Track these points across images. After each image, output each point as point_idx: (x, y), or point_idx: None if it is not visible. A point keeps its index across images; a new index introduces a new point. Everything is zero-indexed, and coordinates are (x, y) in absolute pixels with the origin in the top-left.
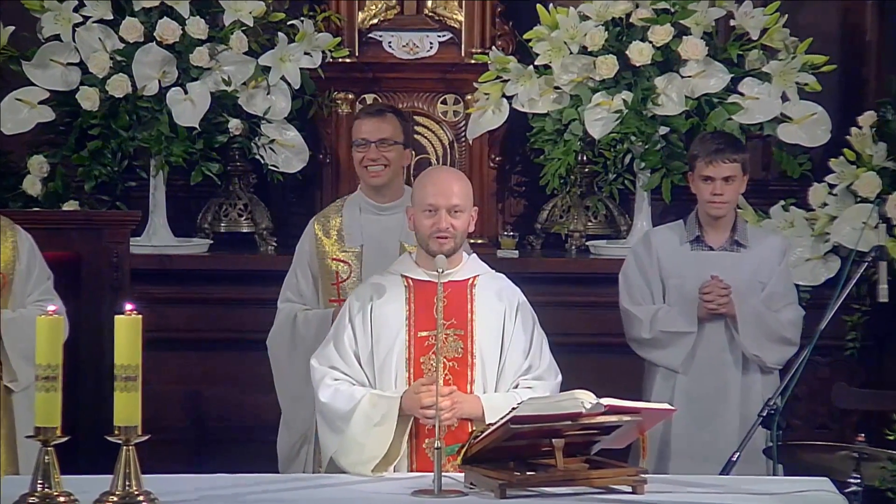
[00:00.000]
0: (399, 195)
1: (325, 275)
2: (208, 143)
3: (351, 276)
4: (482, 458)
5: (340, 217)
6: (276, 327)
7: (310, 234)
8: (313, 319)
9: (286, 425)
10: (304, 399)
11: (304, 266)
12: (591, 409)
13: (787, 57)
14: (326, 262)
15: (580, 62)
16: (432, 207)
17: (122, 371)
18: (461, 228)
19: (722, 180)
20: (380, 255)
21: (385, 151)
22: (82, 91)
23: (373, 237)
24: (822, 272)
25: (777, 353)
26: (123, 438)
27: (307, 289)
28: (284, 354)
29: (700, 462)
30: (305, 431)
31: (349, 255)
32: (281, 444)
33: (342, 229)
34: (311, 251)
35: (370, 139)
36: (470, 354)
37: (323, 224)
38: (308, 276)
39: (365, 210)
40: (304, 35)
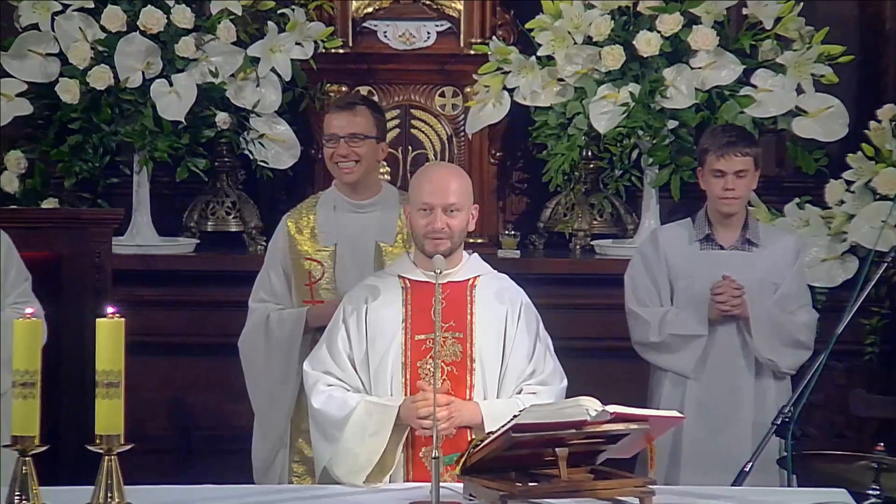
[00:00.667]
0: (376, 192)
1: (298, 274)
2: (194, 137)
3: (324, 276)
4: (482, 468)
5: (314, 214)
6: (249, 328)
7: (283, 232)
8: (288, 319)
9: (262, 431)
10: (279, 401)
11: (277, 265)
12: (596, 416)
13: (802, 47)
14: (299, 262)
15: (585, 53)
16: (427, 206)
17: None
18: (458, 228)
19: (734, 175)
20: (355, 255)
21: (356, 147)
22: (62, 83)
23: (348, 236)
24: (839, 273)
25: (791, 357)
26: (105, 448)
27: (281, 288)
28: (258, 356)
29: (711, 472)
30: (281, 435)
31: (323, 255)
32: (256, 452)
33: (316, 227)
34: (285, 249)
35: (340, 134)
36: (469, 359)
37: (296, 221)
38: (281, 275)
39: (340, 208)
40: (295, 24)
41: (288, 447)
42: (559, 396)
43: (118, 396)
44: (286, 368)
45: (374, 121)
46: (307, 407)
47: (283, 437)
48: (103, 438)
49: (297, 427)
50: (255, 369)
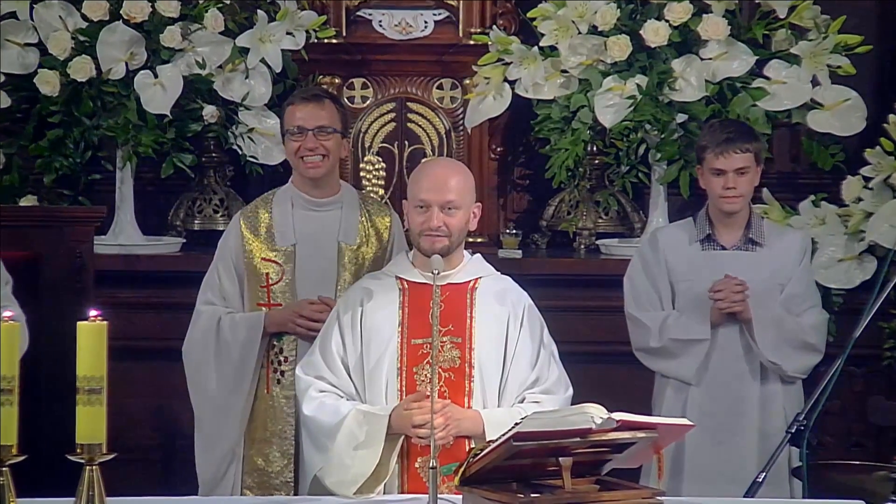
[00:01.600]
0: (336, 190)
1: (252, 276)
2: (180, 131)
3: (283, 278)
4: (482, 479)
5: (270, 212)
6: (197, 332)
7: (235, 231)
8: (241, 323)
9: (208, 443)
10: (230, 412)
11: (229, 265)
12: (601, 424)
13: (817, 37)
14: (254, 263)
15: (589, 43)
16: (424, 203)
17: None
18: (456, 227)
19: (734, 172)
20: (315, 256)
21: (324, 140)
22: (41, 74)
23: (307, 236)
24: (857, 274)
25: (798, 360)
26: (87, 457)
27: (231, 290)
28: (207, 362)
29: (715, 483)
30: (232, 448)
31: (280, 255)
32: (202, 465)
33: (272, 226)
34: (237, 250)
35: (306, 126)
36: (468, 365)
37: (250, 220)
38: (233, 277)
39: (298, 205)
40: (286, 13)
41: (240, 460)
42: (564, 406)
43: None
44: (239, 376)
45: (339, 115)
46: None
47: (235, 449)
48: (84, 447)
49: (250, 438)
50: (202, 377)
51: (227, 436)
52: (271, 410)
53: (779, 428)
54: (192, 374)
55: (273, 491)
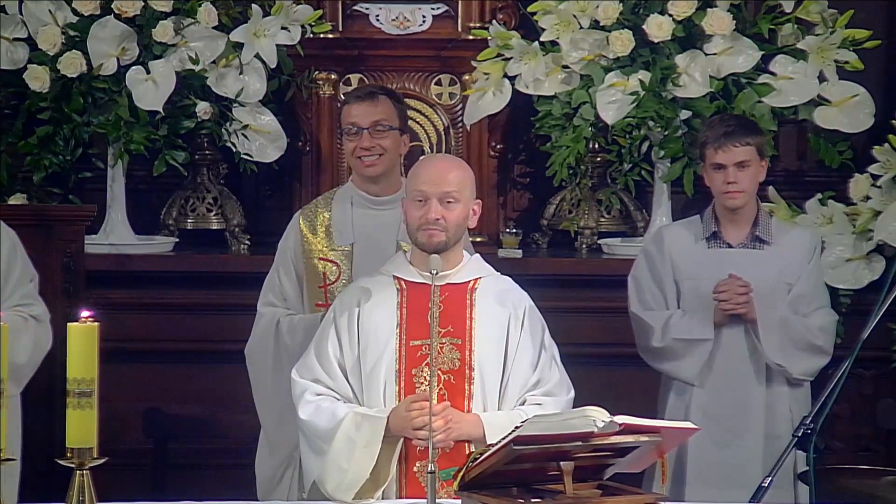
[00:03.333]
0: (397, 188)
1: (311, 276)
2: (173, 128)
3: (340, 278)
4: (481, 484)
5: (329, 212)
6: (257, 335)
7: (294, 230)
8: (299, 326)
9: (269, 446)
10: (289, 415)
11: (289, 265)
12: (604, 428)
13: (824, 31)
14: (313, 262)
15: (591, 38)
16: (422, 196)
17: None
18: (454, 221)
19: (735, 167)
20: (373, 255)
21: (379, 139)
22: (30, 70)
23: (365, 234)
24: (865, 274)
25: (805, 362)
26: (77, 462)
27: (292, 291)
28: (267, 365)
29: (718, 487)
30: (291, 452)
31: (338, 255)
32: (262, 467)
33: (331, 225)
34: (296, 249)
35: (362, 125)
36: (468, 367)
37: (309, 219)
38: (293, 277)
39: (357, 204)
40: (281, 7)
41: (297, 467)
42: (566, 408)
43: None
44: None
45: (396, 111)
46: None
47: (294, 453)
48: (75, 452)
49: None
50: (264, 379)
51: (285, 441)
52: None
53: (785, 431)
54: (254, 376)
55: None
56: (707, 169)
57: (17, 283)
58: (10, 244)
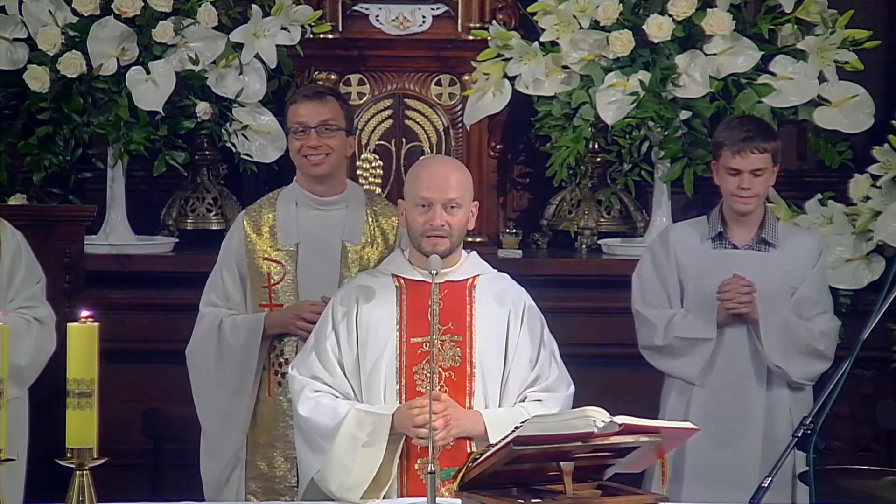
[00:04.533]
0: (342, 188)
1: (254, 276)
2: (173, 129)
3: (284, 278)
4: (481, 484)
5: (274, 212)
6: (199, 335)
7: (238, 231)
8: (242, 326)
9: (211, 449)
10: (232, 417)
11: (232, 266)
12: (603, 428)
13: (824, 31)
14: (257, 262)
15: (591, 38)
16: (426, 202)
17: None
18: (458, 226)
19: (750, 173)
20: (318, 255)
21: (327, 138)
22: (30, 70)
23: (311, 235)
24: (865, 274)
25: (805, 366)
26: (77, 462)
27: (234, 292)
28: (209, 366)
29: (717, 487)
30: (236, 453)
31: (282, 255)
32: (206, 470)
33: (276, 225)
34: (240, 249)
35: (309, 124)
36: (469, 364)
37: (253, 219)
38: (236, 278)
39: (302, 204)
40: (280, 8)
41: (243, 465)
42: (566, 404)
43: (91, 407)
44: (241, 380)
45: (343, 112)
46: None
47: (238, 453)
48: (75, 452)
49: (254, 443)
50: (205, 380)
51: (230, 440)
52: (273, 414)
53: (784, 433)
54: (194, 377)
55: (277, 496)
56: (720, 170)
57: (21, 284)
58: (14, 245)
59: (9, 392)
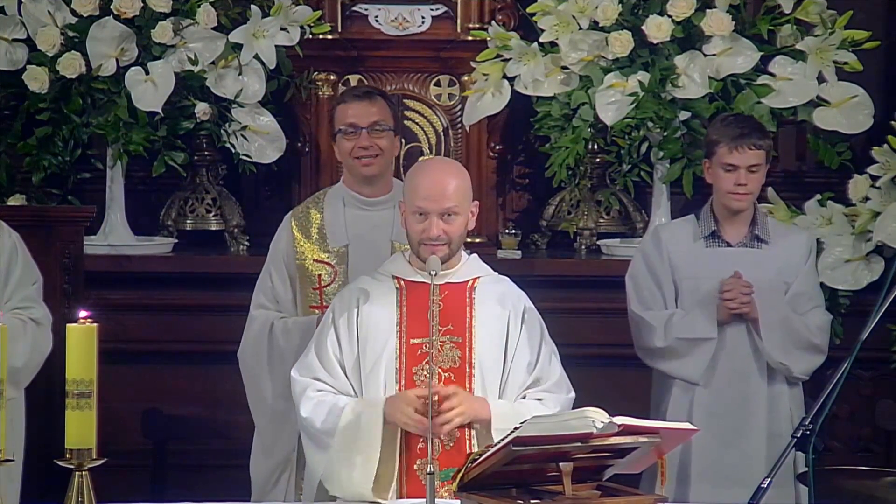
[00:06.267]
0: (389, 188)
1: (303, 278)
2: (172, 129)
3: (335, 280)
4: (481, 485)
5: (321, 213)
6: (250, 338)
7: (286, 232)
8: (294, 328)
9: (264, 450)
10: (284, 419)
11: (281, 268)
12: (603, 429)
13: (824, 32)
14: (306, 265)
15: (590, 39)
16: (422, 211)
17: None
18: (456, 233)
19: (746, 169)
20: (368, 256)
21: (377, 138)
22: (29, 71)
23: (359, 236)
24: (865, 275)
25: (805, 361)
26: (76, 463)
27: (284, 294)
28: (262, 369)
29: (723, 486)
30: (288, 456)
31: (331, 257)
32: (256, 471)
33: (323, 227)
34: (288, 251)
35: (360, 125)
36: (468, 364)
37: (300, 221)
38: (285, 279)
39: (350, 205)
40: (280, 8)
41: (294, 470)
42: (566, 407)
43: (90, 408)
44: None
45: (391, 111)
46: None
47: (290, 456)
48: (74, 453)
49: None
50: (258, 383)
51: (281, 444)
52: None
53: (786, 429)
54: (247, 379)
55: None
56: (714, 167)
57: (17, 285)
58: (11, 245)
59: None
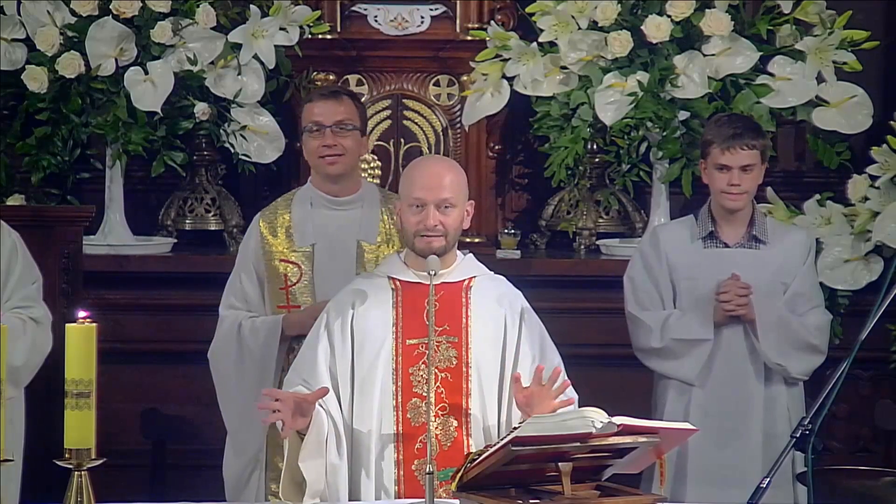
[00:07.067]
0: (357, 188)
1: (272, 278)
2: (171, 129)
3: (301, 279)
4: (479, 485)
5: (289, 213)
6: (220, 338)
7: (255, 233)
8: (261, 328)
9: (234, 449)
10: (252, 418)
11: (250, 268)
12: (602, 428)
13: (823, 32)
14: (273, 264)
15: (590, 39)
16: (419, 202)
17: (73, 386)
18: (453, 226)
19: (739, 169)
20: (334, 256)
21: (342, 138)
22: (29, 71)
23: (326, 235)
24: (864, 275)
25: (803, 361)
26: (75, 462)
27: (253, 294)
28: (230, 368)
29: (720, 487)
30: (256, 454)
31: (299, 256)
32: (228, 470)
33: (291, 227)
34: (257, 251)
35: (325, 123)
36: (465, 364)
37: (269, 221)
38: (254, 280)
39: (317, 204)
40: (279, 8)
41: (263, 469)
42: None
43: (89, 407)
44: (260, 381)
45: (358, 111)
46: None
47: (258, 455)
48: (72, 452)
49: (273, 444)
50: (227, 383)
51: (250, 442)
52: None
53: (783, 430)
54: (217, 380)
55: None
56: (709, 168)
57: (17, 284)
58: (11, 245)
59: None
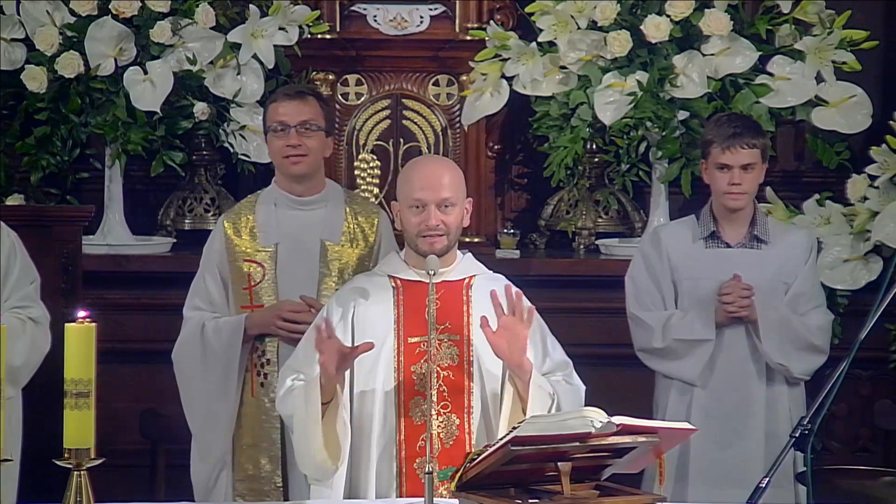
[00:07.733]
0: (320, 188)
1: (235, 278)
2: (171, 129)
3: (265, 279)
4: (479, 484)
5: (253, 213)
6: (183, 339)
7: (219, 234)
8: (224, 328)
9: (200, 452)
10: (217, 419)
11: (214, 269)
12: (601, 428)
13: (822, 32)
14: (237, 264)
15: (589, 38)
16: (419, 203)
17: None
18: (454, 224)
19: (740, 168)
20: (297, 255)
21: (306, 138)
22: (28, 70)
23: (290, 235)
24: (863, 274)
25: (805, 362)
26: (74, 462)
27: (217, 295)
28: (194, 370)
29: (722, 487)
30: (222, 456)
31: (263, 256)
32: (196, 473)
33: (255, 227)
34: (221, 252)
35: (289, 123)
36: (466, 362)
37: (233, 221)
38: (218, 281)
39: (281, 205)
40: (278, 8)
41: (230, 467)
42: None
43: (88, 407)
44: (224, 382)
45: (323, 112)
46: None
47: (224, 456)
48: (72, 452)
49: (240, 444)
50: (191, 384)
51: (215, 444)
52: (257, 415)
53: (785, 430)
54: (181, 381)
55: (264, 497)
56: (709, 168)
57: (15, 284)
58: (9, 244)
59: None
